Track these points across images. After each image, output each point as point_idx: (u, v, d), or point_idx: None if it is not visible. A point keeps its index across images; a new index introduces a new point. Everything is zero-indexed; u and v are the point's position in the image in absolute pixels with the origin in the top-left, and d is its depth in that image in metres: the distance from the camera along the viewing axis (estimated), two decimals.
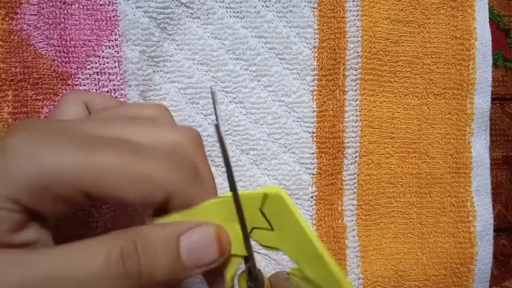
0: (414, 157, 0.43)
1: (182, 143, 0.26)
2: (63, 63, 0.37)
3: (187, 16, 0.39)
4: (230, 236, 0.24)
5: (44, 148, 0.22)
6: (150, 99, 0.38)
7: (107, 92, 0.37)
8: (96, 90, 0.37)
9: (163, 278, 0.22)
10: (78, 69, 0.37)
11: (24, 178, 0.21)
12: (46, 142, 0.22)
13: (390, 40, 0.42)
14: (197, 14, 0.39)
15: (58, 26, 0.37)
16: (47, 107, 0.36)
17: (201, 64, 0.39)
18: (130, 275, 0.21)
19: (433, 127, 0.43)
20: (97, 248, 0.21)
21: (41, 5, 0.36)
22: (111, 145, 0.23)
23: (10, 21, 0.36)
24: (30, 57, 0.36)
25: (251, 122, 0.40)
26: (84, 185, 0.21)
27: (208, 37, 0.39)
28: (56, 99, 0.37)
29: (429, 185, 0.43)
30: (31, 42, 0.36)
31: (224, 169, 0.39)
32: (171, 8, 0.38)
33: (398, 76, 0.42)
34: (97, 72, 0.37)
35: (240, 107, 0.39)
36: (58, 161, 0.21)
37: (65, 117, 0.29)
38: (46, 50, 0.36)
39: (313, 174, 0.41)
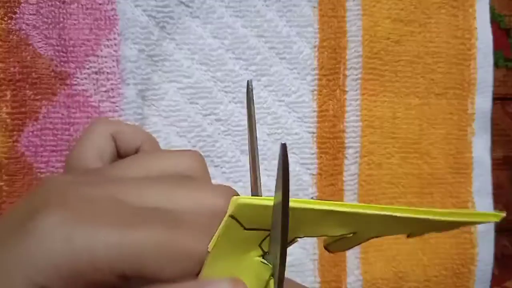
0: (415, 157, 0.42)
1: (223, 207, 0.23)
2: (62, 63, 0.37)
3: (186, 15, 0.39)
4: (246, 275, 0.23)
5: (79, 230, 0.20)
6: (149, 99, 0.38)
7: (105, 91, 0.37)
8: (95, 89, 0.37)
9: None
10: (77, 69, 0.37)
11: (55, 264, 0.19)
12: (81, 223, 0.20)
13: (391, 40, 0.42)
14: (196, 13, 0.39)
15: (57, 26, 0.36)
16: (45, 107, 0.36)
17: (200, 63, 0.39)
18: None
19: (434, 127, 0.43)
20: None
21: (40, 4, 0.36)
22: (148, 220, 0.21)
23: (8, 21, 0.36)
24: (28, 57, 0.36)
25: None
26: (119, 267, 0.20)
27: (208, 36, 0.39)
28: (55, 99, 0.36)
29: (430, 186, 0.43)
30: (29, 42, 0.36)
31: (223, 170, 0.39)
32: (171, 7, 0.38)
33: (399, 76, 0.42)
34: (96, 72, 0.37)
35: (240, 107, 0.39)
36: (92, 244, 0.20)
37: (90, 153, 0.27)
38: (45, 49, 0.36)
39: (314, 175, 0.40)
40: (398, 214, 0.21)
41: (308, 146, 0.40)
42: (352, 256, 0.41)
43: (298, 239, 0.23)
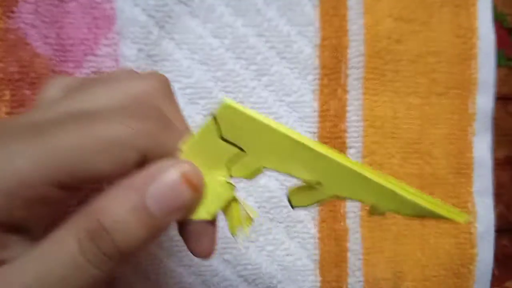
0: (416, 157, 0.42)
1: (145, 93, 0.23)
2: (60, 62, 0.36)
3: (186, 14, 0.38)
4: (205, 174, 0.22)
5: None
6: None
7: None
8: None
9: (142, 239, 0.20)
10: (76, 68, 0.37)
11: None
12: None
13: (392, 39, 0.41)
14: (196, 12, 0.38)
15: (55, 25, 0.36)
16: None
17: (200, 63, 0.38)
18: (108, 254, 0.20)
19: (435, 127, 0.43)
20: (64, 240, 0.20)
21: (38, 3, 0.36)
22: (63, 123, 0.20)
23: (7, 20, 0.35)
24: (27, 56, 0.36)
25: None
26: (50, 176, 0.19)
27: (208, 35, 0.39)
28: None
29: (431, 186, 0.43)
30: (28, 41, 0.36)
31: None
32: (170, 6, 0.38)
33: (400, 75, 0.42)
34: (95, 71, 0.37)
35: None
36: (15, 162, 0.19)
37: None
38: (43, 49, 0.36)
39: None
40: (364, 173, 0.21)
41: None
42: (354, 257, 0.41)
43: (264, 169, 0.22)
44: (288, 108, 0.40)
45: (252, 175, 0.23)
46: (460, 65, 0.42)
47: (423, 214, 0.22)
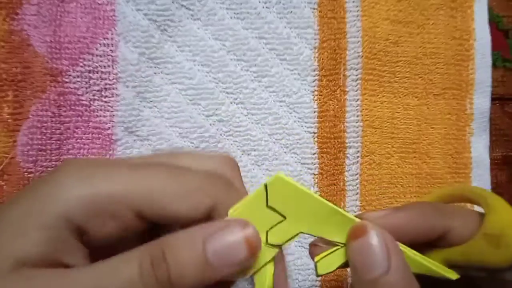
0: (414, 157, 0.43)
1: (219, 166, 0.27)
2: (54, 59, 0.36)
3: (187, 18, 0.39)
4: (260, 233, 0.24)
5: (95, 172, 0.23)
6: (151, 101, 0.38)
7: (98, 90, 0.37)
8: (87, 88, 0.37)
9: (194, 280, 0.22)
10: (70, 66, 0.37)
11: (77, 197, 0.22)
12: (96, 168, 0.23)
13: (389, 41, 0.42)
14: (197, 15, 0.39)
15: (53, 23, 0.36)
16: (34, 105, 0.36)
17: (202, 65, 0.39)
18: (161, 281, 0.22)
19: (433, 127, 0.43)
20: (129, 261, 0.22)
21: (40, 4, 0.36)
22: (157, 166, 0.24)
23: (11, 22, 0.36)
24: (29, 57, 0.36)
25: (252, 123, 0.40)
26: (134, 202, 0.23)
27: (209, 38, 0.39)
28: (44, 96, 0.36)
29: (429, 185, 0.43)
30: (30, 42, 0.36)
31: None
32: (171, 10, 0.38)
33: (398, 77, 0.42)
34: (90, 70, 0.37)
35: (241, 108, 0.39)
36: (109, 181, 0.23)
37: None
38: (40, 47, 0.36)
39: (315, 175, 0.41)
40: None
41: (309, 146, 0.40)
42: None
43: (301, 234, 0.25)
44: (288, 109, 0.40)
45: (289, 240, 0.25)
46: (457, 66, 0.43)
47: (422, 271, 0.25)
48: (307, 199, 0.24)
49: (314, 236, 0.25)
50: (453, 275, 0.25)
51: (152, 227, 0.25)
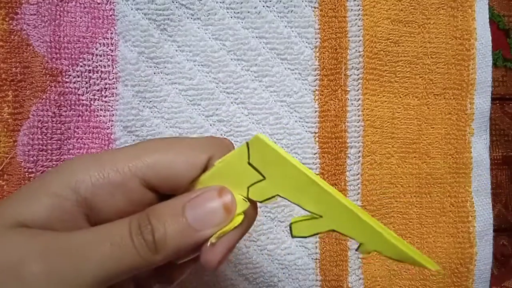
0: (414, 157, 0.43)
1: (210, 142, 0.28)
2: (53, 59, 0.36)
3: (187, 18, 0.39)
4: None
5: (102, 153, 0.26)
6: (150, 101, 0.38)
7: (98, 90, 0.37)
8: (87, 87, 0.37)
9: (177, 242, 0.24)
10: (70, 66, 0.37)
11: (84, 169, 0.24)
12: (103, 152, 0.27)
13: (390, 40, 0.42)
14: (197, 15, 0.39)
15: (53, 23, 0.36)
16: (35, 105, 0.36)
17: (202, 65, 0.39)
18: (147, 240, 0.24)
19: (433, 127, 0.43)
20: (121, 224, 0.24)
21: (40, 4, 0.36)
22: (157, 139, 0.28)
23: (10, 21, 0.36)
24: (29, 57, 0.36)
25: (253, 123, 0.40)
26: (138, 170, 0.25)
27: (209, 38, 0.39)
28: (44, 96, 0.36)
29: (429, 185, 0.43)
30: (30, 42, 0.36)
31: None
32: (171, 10, 0.38)
33: (398, 76, 0.42)
34: (89, 70, 0.37)
35: (242, 107, 0.39)
36: (114, 157, 0.25)
37: None
38: (39, 47, 0.36)
39: (316, 174, 0.41)
40: (359, 214, 0.25)
41: (310, 146, 0.40)
42: (354, 256, 0.41)
43: (278, 198, 0.26)
44: (289, 109, 0.40)
45: (267, 200, 0.26)
46: (457, 66, 0.43)
47: (401, 258, 0.25)
48: (285, 164, 0.24)
49: (291, 202, 0.26)
50: (433, 266, 0.25)
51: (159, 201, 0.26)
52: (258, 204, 0.27)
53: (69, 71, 0.37)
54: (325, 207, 0.25)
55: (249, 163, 0.25)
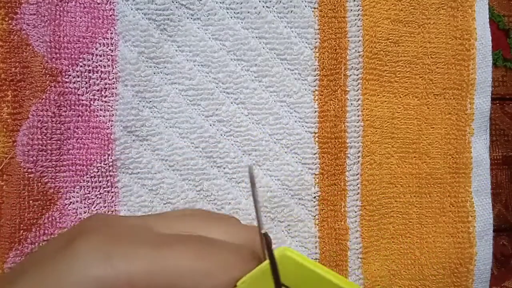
0: (414, 157, 0.43)
1: (253, 239, 0.25)
2: (53, 59, 0.36)
3: (187, 18, 0.39)
4: None
5: (115, 251, 0.21)
6: (150, 101, 0.38)
7: (98, 90, 0.37)
8: (87, 88, 0.37)
9: None
10: (70, 66, 0.37)
11: (95, 279, 0.21)
12: (115, 244, 0.22)
13: (390, 40, 0.42)
14: (197, 15, 0.39)
15: (53, 23, 0.36)
16: (34, 105, 0.36)
17: (202, 65, 0.39)
18: None
19: (433, 127, 0.43)
20: None
21: (39, 4, 0.36)
22: (182, 242, 0.23)
23: (10, 21, 0.36)
24: (29, 57, 0.36)
25: (253, 123, 0.40)
26: (156, 285, 0.21)
27: (209, 38, 0.39)
28: (44, 96, 0.36)
29: (429, 185, 0.43)
30: (29, 42, 0.36)
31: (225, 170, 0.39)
32: (171, 10, 0.38)
33: (398, 76, 0.42)
34: (89, 70, 0.37)
35: (242, 108, 0.39)
36: (129, 262, 0.21)
37: None
38: (39, 47, 0.36)
39: (316, 174, 0.41)
40: None
41: (310, 146, 0.40)
42: (354, 256, 0.41)
43: None
44: (288, 109, 0.40)
45: None
46: (457, 66, 0.43)
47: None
48: (316, 277, 0.23)
49: None
50: None
51: None
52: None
53: (69, 71, 0.37)
54: None
55: (277, 283, 0.23)
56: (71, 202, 0.37)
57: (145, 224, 0.24)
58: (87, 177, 0.37)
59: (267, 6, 0.40)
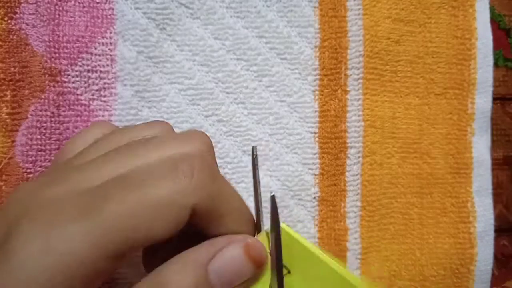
0: (415, 157, 0.42)
1: (189, 152, 0.23)
2: (52, 59, 0.36)
3: (187, 17, 0.38)
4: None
5: (52, 238, 0.20)
6: (149, 100, 0.38)
7: (97, 90, 0.37)
8: (86, 87, 0.37)
9: None
10: (69, 66, 0.36)
11: (38, 279, 0.19)
12: (51, 227, 0.20)
13: (391, 40, 0.42)
14: (197, 14, 0.39)
15: (52, 22, 0.36)
16: (33, 105, 0.36)
17: (201, 65, 0.39)
18: None
19: (434, 127, 0.43)
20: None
21: (39, 3, 0.36)
22: (112, 192, 0.21)
23: (9, 21, 0.36)
24: (28, 57, 0.36)
25: (253, 123, 0.39)
26: (107, 250, 0.20)
27: (209, 37, 0.39)
28: (43, 96, 0.36)
29: (429, 186, 0.43)
30: (29, 41, 0.36)
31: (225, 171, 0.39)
32: (171, 9, 0.38)
33: (399, 76, 0.42)
34: (88, 70, 0.37)
35: (242, 107, 0.39)
36: (75, 246, 0.20)
37: (76, 148, 0.27)
38: (38, 46, 0.36)
39: (316, 175, 0.40)
40: None
41: (310, 146, 0.40)
42: (353, 257, 0.41)
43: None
44: (289, 109, 0.40)
45: None
46: (458, 66, 0.43)
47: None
48: (311, 257, 0.22)
49: None
50: None
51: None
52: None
53: (68, 70, 0.36)
54: None
55: (271, 254, 0.23)
56: None
57: (71, 187, 0.22)
58: None
59: (267, 5, 0.40)
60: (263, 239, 0.23)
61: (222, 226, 0.23)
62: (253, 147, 0.26)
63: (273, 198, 0.22)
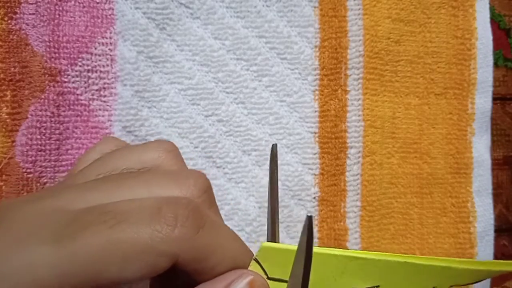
0: (415, 157, 0.42)
1: (178, 196, 0.23)
2: (52, 59, 0.36)
3: (187, 17, 0.38)
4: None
5: (16, 253, 0.19)
6: (149, 100, 0.38)
7: (97, 90, 0.37)
8: (86, 87, 0.37)
9: None
10: (69, 66, 0.36)
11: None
12: (19, 244, 0.19)
13: (391, 40, 0.42)
14: (197, 14, 0.39)
15: (52, 22, 0.36)
16: (33, 105, 0.36)
17: (201, 65, 0.39)
18: None
19: (434, 127, 0.43)
20: None
21: (39, 3, 0.36)
22: (90, 224, 0.19)
23: (9, 21, 0.36)
24: (28, 57, 0.36)
25: (252, 123, 0.39)
26: (70, 283, 0.19)
27: (209, 37, 0.39)
28: (43, 96, 0.36)
29: (429, 186, 0.43)
30: (29, 41, 0.36)
31: (224, 170, 0.39)
32: (170, 9, 0.38)
33: (399, 76, 0.42)
34: (88, 70, 0.37)
35: (242, 107, 0.39)
36: (37, 271, 0.18)
37: (79, 168, 0.27)
38: (38, 46, 0.36)
39: (316, 175, 0.40)
40: (418, 262, 0.22)
41: (310, 146, 0.40)
42: None
43: None
44: (288, 109, 0.40)
45: None
46: (458, 66, 0.43)
47: (481, 277, 0.22)
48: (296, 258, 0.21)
49: None
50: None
51: None
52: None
53: (68, 70, 0.36)
54: (377, 275, 0.22)
55: (268, 278, 0.22)
56: None
57: (52, 206, 0.21)
58: None
59: (267, 5, 0.40)
60: (255, 268, 0.22)
61: (214, 275, 0.22)
62: (273, 145, 0.25)
63: (310, 219, 0.20)
